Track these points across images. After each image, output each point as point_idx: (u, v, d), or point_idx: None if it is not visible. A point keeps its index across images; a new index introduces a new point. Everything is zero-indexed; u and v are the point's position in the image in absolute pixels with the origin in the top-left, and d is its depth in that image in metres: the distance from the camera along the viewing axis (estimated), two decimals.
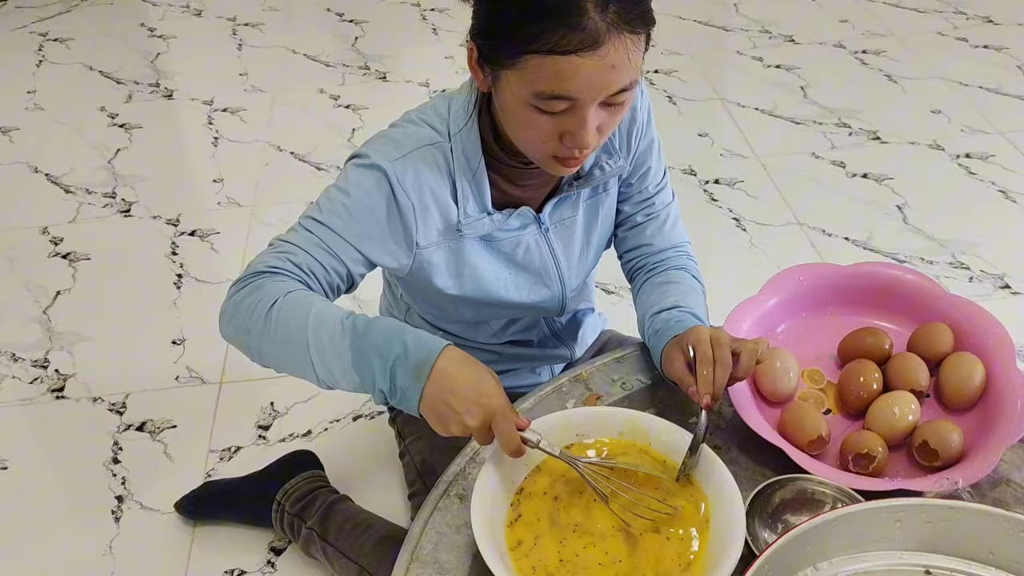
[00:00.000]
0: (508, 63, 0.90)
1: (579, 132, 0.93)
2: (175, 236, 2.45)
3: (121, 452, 1.84)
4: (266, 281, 0.95)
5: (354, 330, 0.90)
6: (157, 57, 3.41)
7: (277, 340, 0.92)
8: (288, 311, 0.92)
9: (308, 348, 0.91)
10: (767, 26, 3.42)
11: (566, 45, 0.85)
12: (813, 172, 2.60)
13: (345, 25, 3.58)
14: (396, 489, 1.71)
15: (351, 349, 0.89)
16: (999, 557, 0.75)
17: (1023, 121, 2.78)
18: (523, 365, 1.35)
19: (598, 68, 0.87)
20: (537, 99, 0.90)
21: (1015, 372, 1.04)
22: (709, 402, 0.97)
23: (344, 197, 1.01)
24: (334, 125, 2.92)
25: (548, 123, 0.93)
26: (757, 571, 0.72)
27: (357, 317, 0.91)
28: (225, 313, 0.97)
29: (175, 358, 2.05)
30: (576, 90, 0.89)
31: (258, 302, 0.93)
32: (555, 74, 0.87)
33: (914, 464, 1.01)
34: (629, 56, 0.88)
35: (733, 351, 0.98)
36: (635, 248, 1.24)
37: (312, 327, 0.91)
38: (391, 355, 0.87)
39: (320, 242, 0.99)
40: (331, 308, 0.93)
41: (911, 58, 3.16)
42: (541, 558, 0.89)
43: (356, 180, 1.01)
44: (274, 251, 0.99)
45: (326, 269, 1.00)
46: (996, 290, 2.14)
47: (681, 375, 1.01)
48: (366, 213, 1.01)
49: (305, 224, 1.01)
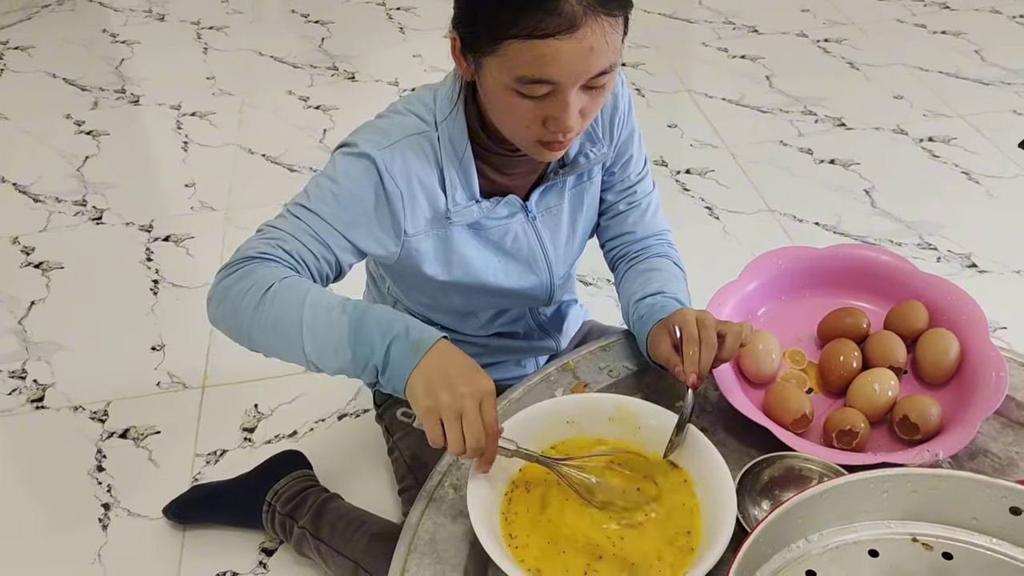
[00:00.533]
0: (489, 50, 0.92)
1: (562, 116, 0.94)
2: (149, 242, 2.43)
3: (105, 460, 1.83)
4: (257, 266, 0.96)
5: (355, 309, 0.92)
6: (121, 63, 3.38)
7: (269, 322, 0.93)
8: (284, 294, 0.93)
9: (301, 327, 0.92)
10: (730, 17, 3.46)
11: (544, 29, 0.87)
12: (782, 159, 2.64)
13: (311, 26, 3.57)
14: (385, 485, 1.72)
15: (349, 324, 0.90)
16: (982, 522, 0.78)
17: (983, 104, 2.85)
18: (509, 357, 1.36)
19: (577, 51, 0.88)
20: (519, 84, 0.92)
21: (989, 346, 1.08)
22: (695, 381, 0.99)
23: (332, 185, 1.02)
24: (305, 127, 2.92)
25: (531, 108, 0.94)
26: (752, 545, 0.74)
27: (358, 301, 0.94)
28: (213, 298, 0.98)
29: (155, 364, 2.04)
30: (556, 74, 0.90)
31: (252, 286, 0.94)
32: (535, 58, 0.89)
33: (895, 438, 1.04)
34: (607, 38, 0.90)
35: (718, 332, 1.01)
36: (617, 236, 1.26)
37: (309, 305, 0.92)
38: (391, 332, 0.89)
39: (309, 229, 1.00)
40: (328, 292, 0.95)
41: (872, 45, 3.22)
42: (538, 542, 0.91)
43: (344, 168, 1.02)
44: (264, 237, 1.00)
45: (316, 256, 1.01)
46: (963, 269, 2.19)
47: (667, 356, 1.03)
48: (354, 201, 1.02)
49: (294, 211, 1.02)
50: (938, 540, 0.79)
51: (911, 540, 0.79)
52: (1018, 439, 1.04)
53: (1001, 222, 2.35)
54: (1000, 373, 1.04)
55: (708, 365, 1.00)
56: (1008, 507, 0.76)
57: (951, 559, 0.78)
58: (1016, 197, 2.43)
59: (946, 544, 0.79)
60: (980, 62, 3.08)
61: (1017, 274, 2.17)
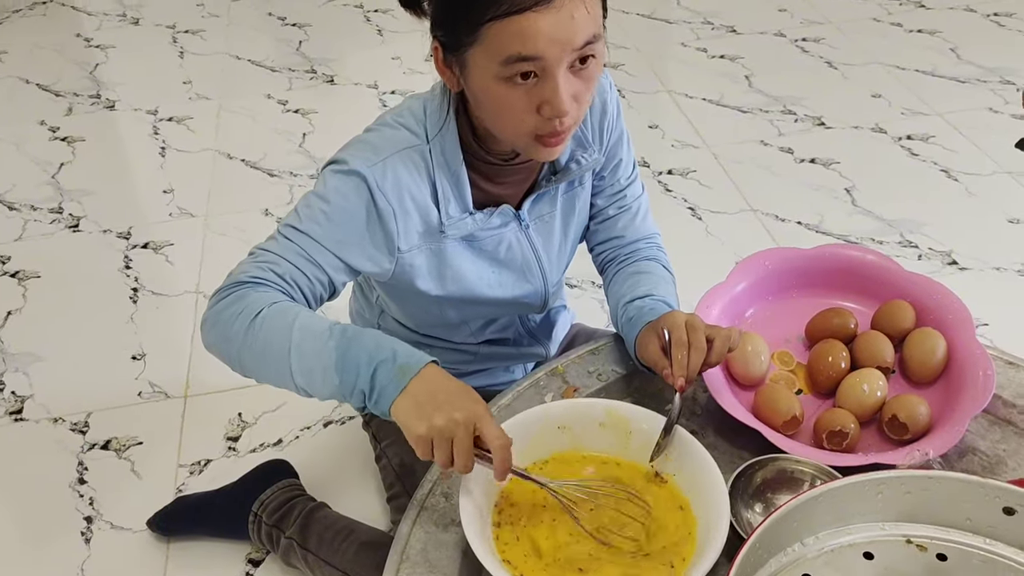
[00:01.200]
0: (470, 40, 0.90)
1: (554, 98, 0.92)
2: (127, 249, 2.40)
3: (87, 472, 1.80)
4: (249, 291, 0.96)
5: (343, 334, 0.91)
6: (96, 68, 3.34)
7: (258, 347, 0.93)
8: (272, 320, 0.93)
9: (289, 352, 0.91)
10: (709, 17, 3.47)
11: (521, 3, 0.86)
12: (763, 159, 2.65)
13: (288, 29, 3.54)
14: (373, 493, 1.71)
15: (336, 350, 0.90)
16: (976, 522, 0.78)
17: (960, 102, 2.87)
18: (498, 364, 1.36)
19: (557, 21, 0.87)
20: (505, 68, 0.90)
21: (975, 344, 1.08)
22: (683, 384, 0.98)
23: (323, 204, 1.01)
24: (284, 131, 2.89)
25: (523, 96, 0.93)
26: (748, 550, 0.73)
27: (346, 325, 0.93)
28: (206, 322, 0.97)
29: (136, 374, 2.02)
30: (540, 48, 0.88)
31: (241, 311, 0.94)
32: (516, 35, 0.87)
33: (885, 438, 1.04)
34: (586, 5, 0.89)
35: (707, 336, 1.00)
36: (607, 241, 1.25)
37: (296, 331, 0.91)
38: (378, 357, 0.88)
39: (301, 251, 0.99)
40: (317, 317, 0.94)
41: (849, 44, 3.24)
42: (531, 550, 0.90)
43: (335, 186, 1.01)
44: (255, 261, 0.99)
45: (309, 278, 1.00)
46: (944, 266, 2.20)
47: (656, 358, 1.03)
48: (346, 219, 1.01)
49: (285, 232, 1.01)
50: (932, 541, 0.79)
51: (905, 542, 0.79)
52: (1006, 437, 1.04)
53: (980, 219, 2.37)
54: (987, 371, 1.04)
55: (696, 369, 0.99)
56: (1001, 507, 0.76)
57: (945, 560, 0.78)
58: (994, 194, 2.45)
59: (940, 545, 0.79)
60: (956, 60, 3.11)
61: (997, 271, 2.19)
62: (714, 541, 0.85)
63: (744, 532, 0.91)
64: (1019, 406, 1.07)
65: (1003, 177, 2.51)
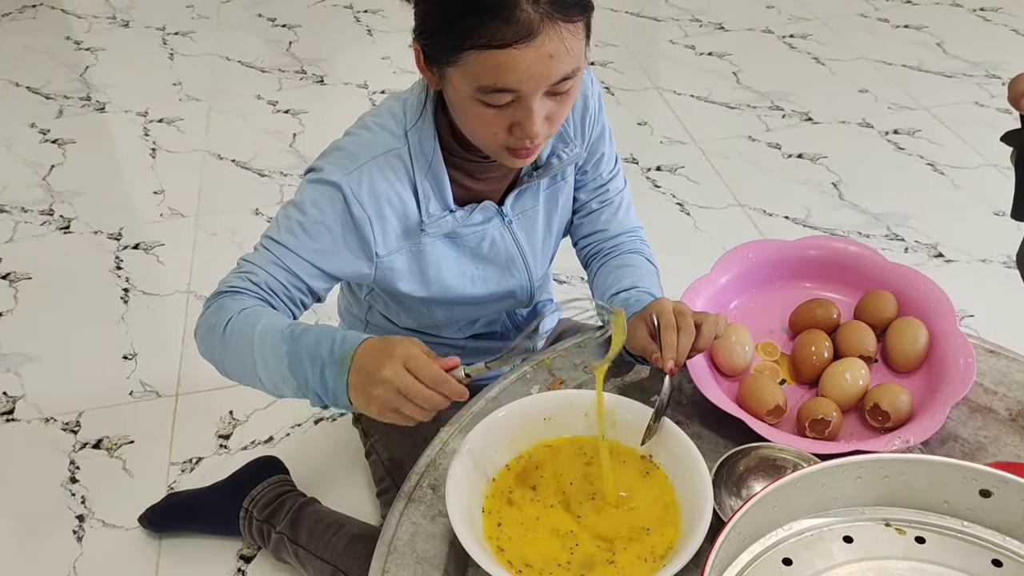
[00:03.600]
0: (450, 60, 0.92)
1: (527, 123, 0.94)
2: (118, 250, 2.41)
3: (79, 471, 1.81)
4: (226, 301, 0.99)
5: (291, 337, 0.92)
6: (86, 70, 3.34)
7: (232, 355, 0.97)
8: (239, 327, 0.96)
9: (255, 361, 0.94)
10: (696, 15, 3.48)
11: (502, 39, 0.87)
12: (750, 155, 2.66)
13: (278, 30, 3.55)
14: (363, 488, 1.72)
15: (287, 355, 0.91)
16: (953, 505, 0.79)
17: (946, 96, 2.89)
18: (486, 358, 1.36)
19: (536, 59, 0.89)
20: (481, 93, 0.92)
21: (956, 333, 1.09)
22: (673, 367, 0.99)
23: (299, 215, 1.03)
24: (274, 131, 2.90)
25: (496, 116, 0.95)
26: (729, 535, 0.75)
27: (297, 325, 0.94)
28: (197, 334, 1.02)
29: (128, 373, 2.02)
30: (517, 82, 0.90)
31: (218, 321, 0.97)
32: (494, 68, 0.89)
33: (867, 426, 1.06)
34: (566, 45, 0.90)
35: (695, 322, 1.01)
36: (590, 234, 1.26)
37: (257, 339, 0.94)
38: (320, 357, 0.89)
39: (276, 260, 1.03)
40: (278, 320, 0.96)
41: (836, 40, 3.26)
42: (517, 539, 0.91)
43: (310, 197, 1.03)
44: (237, 271, 1.03)
45: (284, 286, 1.03)
46: (930, 259, 2.22)
47: (645, 343, 1.03)
48: (321, 229, 1.03)
49: (264, 243, 1.05)
50: (911, 524, 0.80)
51: (884, 525, 0.81)
52: (986, 424, 1.05)
53: (966, 212, 2.38)
54: (968, 360, 1.06)
55: (686, 352, 1.00)
56: (978, 490, 0.77)
57: (924, 543, 0.79)
58: (980, 187, 2.47)
59: (919, 528, 0.80)
60: (942, 55, 3.13)
61: (982, 263, 2.20)
62: (698, 528, 0.86)
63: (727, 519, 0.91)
64: (999, 393, 1.08)
65: (989, 170, 2.53)
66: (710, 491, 0.90)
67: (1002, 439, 1.04)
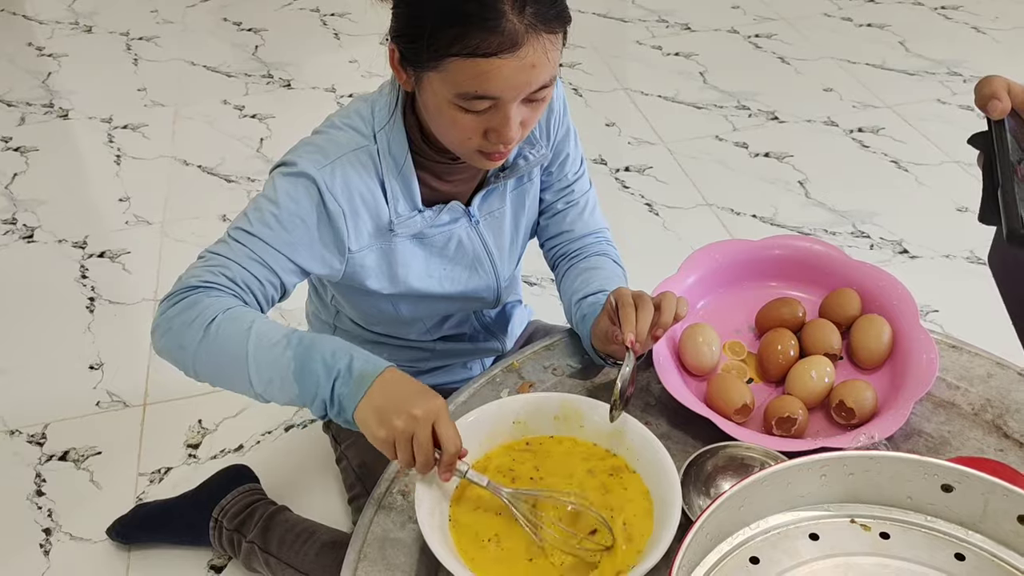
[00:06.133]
0: (430, 65, 0.92)
1: (503, 129, 0.95)
2: (83, 259, 2.37)
3: (45, 484, 1.78)
4: (202, 296, 0.96)
5: (300, 344, 0.92)
6: (48, 77, 3.30)
7: (214, 355, 0.94)
8: (228, 327, 0.93)
9: (247, 362, 0.92)
10: (663, 15, 3.50)
11: (486, 48, 0.88)
12: (718, 154, 2.68)
13: (244, 34, 3.52)
14: (335, 495, 1.71)
15: (294, 360, 0.91)
16: (916, 501, 0.80)
17: (909, 94, 2.93)
18: (455, 360, 1.37)
19: (518, 68, 0.90)
20: (460, 99, 0.93)
21: (919, 330, 1.11)
22: (633, 340, 0.98)
23: (273, 207, 1.01)
24: (241, 136, 2.88)
25: (472, 121, 0.95)
26: (695, 535, 0.75)
27: (303, 333, 0.94)
28: (158, 328, 0.97)
29: (94, 383, 2.00)
30: (498, 90, 0.91)
31: (195, 318, 0.94)
32: (477, 75, 0.90)
33: (833, 423, 1.07)
34: (547, 55, 0.92)
35: (655, 303, 1.01)
36: (556, 235, 1.27)
37: (253, 339, 0.92)
38: (335, 368, 0.90)
39: (252, 254, 1.00)
40: (272, 324, 0.95)
41: (801, 40, 3.29)
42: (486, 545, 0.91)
43: (284, 189, 1.01)
44: (207, 264, 0.99)
45: (260, 281, 1.01)
46: (895, 255, 2.25)
47: (606, 327, 1.04)
48: (296, 222, 1.01)
49: (235, 236, 1.01)
50: (876, 520, 0.81)
51: (850, 521, 0.81)
52: (950, 418, 1.07)
53: (930, 208, 2.42)
54: (931, 356, 1.07)
55: (646, 328, 0.99)
56: (940, 484, 0.78)
57: (888, 538, 0.80)
58: (943, 183, 2.50)
59: (883, 523, 0.81)
60: (905, 53, 3.17)
61: (946, 258, 2.23)
62: (666, 529, 0.86)
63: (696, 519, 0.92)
64: (962, 388, 1.10)
65: (951, 167, 2.57)
66: (678, 492, 0.90)
67: (965, 433, 1.05)
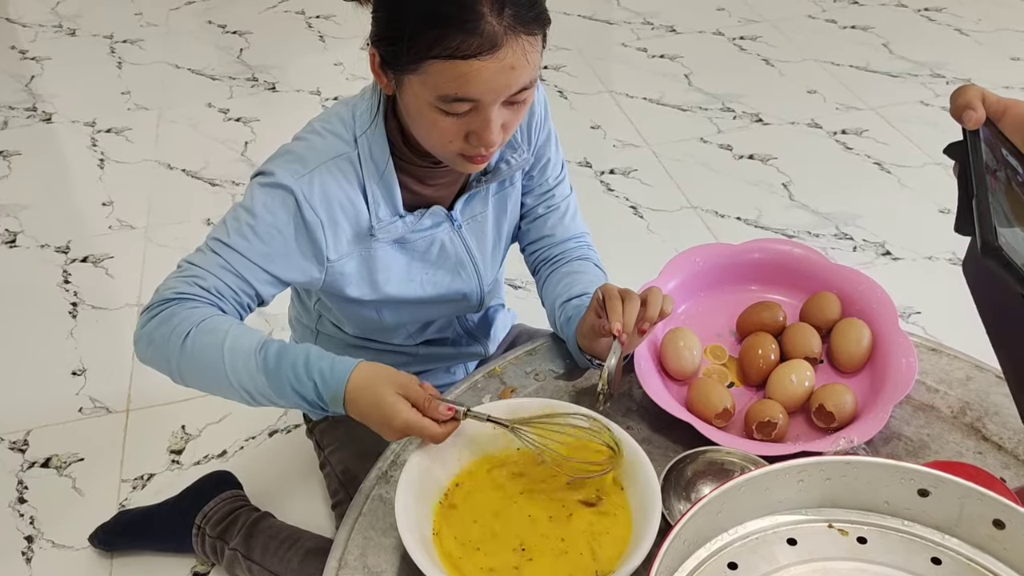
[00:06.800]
0: (410, 68, 0.92)
1: (484, 132, 0.96)
2: (66, 264, 2.36)
3: (27, 491, 1.77)
4: (177, 309, 0.96)
5: (266, 365, 0.93)
6: (32, 80, 3.28)
7: (196, 369, 0.95)
8: (202, 342, 0.94)
9: (226, 373, 0.94)
10: (648, 18, 3.51)
11: (466, 50, 0.88)
12: (702, 157, 2.69)
13: (229, 37, 3.51)
14: (319, 501, 1.70)
15: (269, 385, 0.93)
16: (893, 505, 0.80)
17: (892, 96, 2.94)
18: (438, 365, 1.36)
19: (498, 70, 0.90)
20: (441, 102, 0.93)
21: (898, 333, 1.11)
22: (620, 329, 0.99)
23: (250, 218, 1.01)
24: (226, 139, 2.87)
25: (453, 124, 0.95)
26: (674, 541, 0.75)
27: (268, 347, 0.95)
28: (140, 341, 0.99)
29: (77, 389, 1.99)
30: (478, 92, 0.91)
31: (172, 332, 0.95)
32: (457, 78, 0.90)
33: (813, 427, 1.07)
34: (527, 56, 0.92)
35: (641, 297, 1.02)
36: (538, 240, 1.27)
37: (228, 351, 0.94)
38: (306, 393, 0.93)
39: (227, 264, 1.00)
40: (243, 338, 0.95)
41: (785, 42, 3.30)
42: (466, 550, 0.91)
43: (262, 200, 1.01)
44: (182, 275, 1.00)
45: (235, 291, 1.01)
46: (878, 257, 2.26)
47: (592, 322, 1.04)
48: (273, 233, 1.01)
49: (212, 246, 1.01)
50: (853, 525, 0.81)
51: (827, 526, 0.81)
52: (929, 422, 1.07)
53: (912, 210, 2.43)
54: (910, 359, 1.07)
55: (632, 319, 1.00)
56: (916, 489, 0.78)
57: (865, 543, 0.80)
58: (925, 186, 2.52)
59: (860, 528, 0.81)
60: (888, 55, 3.19)
61: (929, 260, 2.25)
62: (646, 534, 0.87)
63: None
64: (941, 391, 1.10)
65: (934, 168, 2.58)
66: (658, 497, 0.90)
67: (944, 436, 1.05)
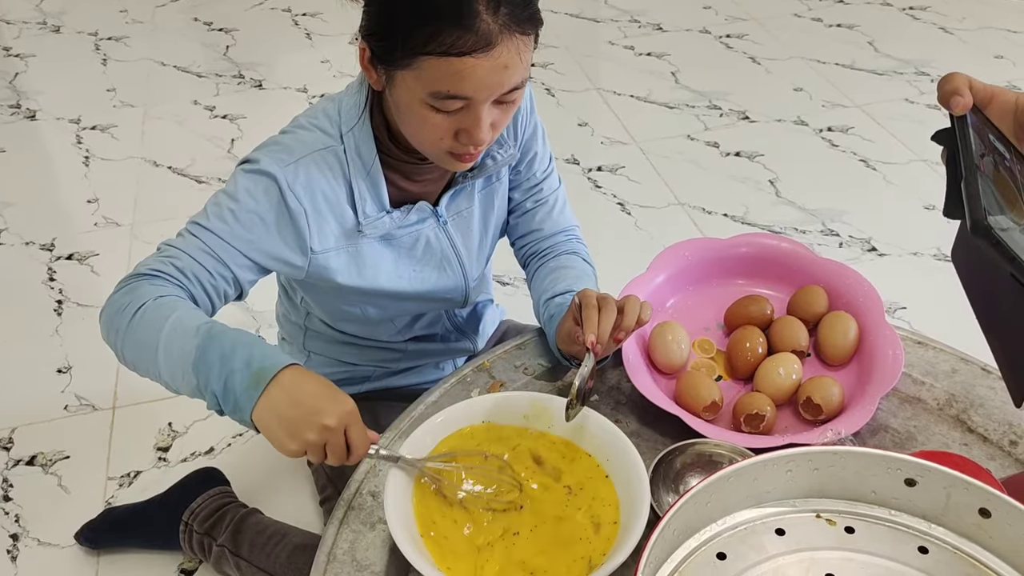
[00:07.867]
0: (403, 64, 0.92)
1: (474, 130, 0.96)
2: (51, 261, 2.35)
3: (12, 489, 1.76)
4: (143, 284, 0.95)
5: (208, 334, 0.87)
6: (16, 77, 3.25)
7: (135, 340, 0.92)
8: (151, 314, 0.91)
9: (157, 349, 0.89)
10: (635, 16, 3.52)
11: (460, 47, 0.88)
12: (689, 154, 2.70)
13: (215, 34, 3.49)
14: (306, 497, 1.70)
15: (196, 349, 0.87)
16: (880, 495, 0.81)
17: (877, 93, 2.96)
18: (427, 361, 1.36)
19: (491, 68, 0.90)
20: (433, 99, 0.93)
21: (885, 326, 1.12)
22: (594, 341, 0.99)
23: (232, 203, 1.00)
24: (212, 137, 2.86)
25: (444, 121, 0.95)
26: (662, 531, 0.75)
27: (216, 324, 0.90)
28: (103, 313, 0.97)
29: (62, 387, 1.97)
30: (471, 90, 0.91)
31: (128, 303, 0.93)
32: (450, 75, 0.90)
33: (801, 420, 1.07)
34: (520, 56, 0.92)
35: (618, 306, 1.02)
36: (526, 234, 1.27)
37: (168, 329, 0.89)
38: (234, 360, 0.85)
39: (204, 246, 0.99)
40: (195, 315, 0.91)
41: (772, 40, 3.31)
42: (456, 543, 0.91)
43: (245, 186, 1.01)
44: (159, 255, 0.99)
45: (211, 274, 0.99)
46: (864, 253, 2.27)
47: (570, 329, 1.05)
48: (255, 219, 1.01)
49: (192, 229, 1.01)
50: (840, 515, 0.82)
51: (815, 516, 0.82)
52: (916, 414, 1.08)
53: (898, 206, 2.44)
54: (896, 352, 1.08)
55: (608, 330, 1.00)
56: (903, 479, 0.79)
57: (853, 532, 0.81)
58: (910, 182, 2.53)
59: (848, 518, 0.81)
60: (874, 53, 3.20)
61: (914, 255, 2.26)
62: (635, 527, 0.87)
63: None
64: (927, 384, 1.11)
65: (919, 165, 2.60)
66: (647, 490, 0.90)
67: (930, 428, 1.06)
